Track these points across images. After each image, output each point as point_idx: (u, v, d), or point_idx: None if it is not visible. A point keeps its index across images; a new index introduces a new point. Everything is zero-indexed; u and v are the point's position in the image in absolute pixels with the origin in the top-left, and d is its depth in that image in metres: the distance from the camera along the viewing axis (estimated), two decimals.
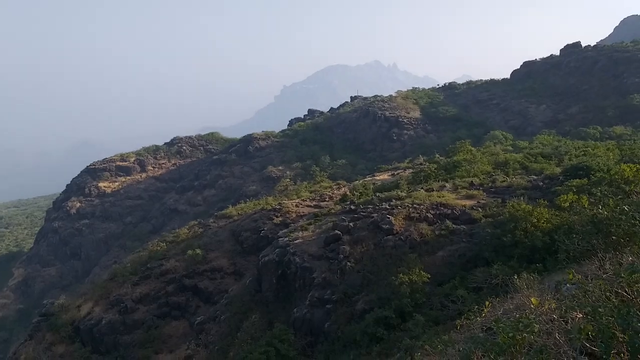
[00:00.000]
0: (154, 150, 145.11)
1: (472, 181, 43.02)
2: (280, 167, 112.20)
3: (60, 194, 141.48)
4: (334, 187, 66.87)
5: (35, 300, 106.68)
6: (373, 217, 36.14)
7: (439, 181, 46.31)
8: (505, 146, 77.95)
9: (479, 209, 34.26)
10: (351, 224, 36.33)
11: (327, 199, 56.91)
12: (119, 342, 44.21)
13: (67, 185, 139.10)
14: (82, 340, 46.04)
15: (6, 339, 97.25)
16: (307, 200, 58.20)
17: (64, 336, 46.74)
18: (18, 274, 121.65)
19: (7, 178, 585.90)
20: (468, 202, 36.36)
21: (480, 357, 7.27)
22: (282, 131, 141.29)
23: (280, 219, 51.59)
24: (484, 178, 44.26)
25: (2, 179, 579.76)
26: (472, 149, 62.52)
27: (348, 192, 54.90)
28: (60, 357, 44.97)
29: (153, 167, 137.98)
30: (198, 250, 51.02)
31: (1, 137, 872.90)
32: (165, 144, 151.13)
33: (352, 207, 41.65)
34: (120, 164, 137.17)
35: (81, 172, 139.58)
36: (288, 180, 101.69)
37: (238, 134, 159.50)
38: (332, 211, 44.19)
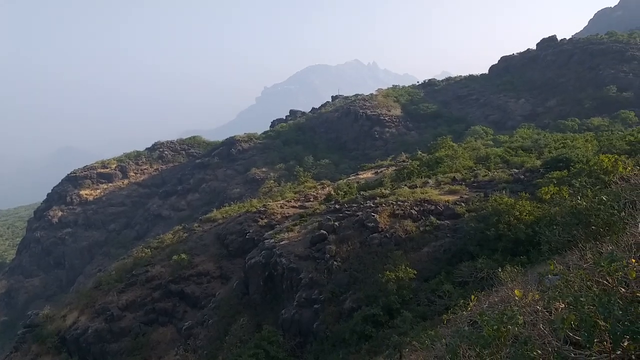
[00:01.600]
0: (136, 156, 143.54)
1: (454, 176, 43.39)
2: (263, 169, 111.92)
3: (42, 203, 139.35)
4: (318, 187, 66.85)
5: (19, 311, 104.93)
6: (358, 215, 36.27)
7: (422, 178, 46.58)
8: (486, 141, 78.82)
9: (462, 203, 34.57)
10: (336, 223, 36.40)
11: (311, 199, 56.91)
12: (106, 350, 43.73)
13: (48, 194, 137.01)
14: (68, 350, 45.45)
15: None
16: (292, 201, 58.10)
17: (50, 347, 46.09)
18: (1, 286, 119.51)
19: None
20: (451, 198, 36.68)
21: (466, 351, 7.32)
22: (265, 133, 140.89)
23: (265, 220, 51.44)
24: (466, 173, 44.66)
25: None
26: (454, 144, 63.06)
27: (332, 192, 54.94)
28: None
29: (135, 173, 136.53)
30: (183, 255, 50.65)
31: None
32: (146, 149, 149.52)
33: (337, 206, 41.76)
34: (102, 170, 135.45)
35: (62, 180, 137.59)
36: (272, 181, 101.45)
37: (220, 137, 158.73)
38: (317, 211, 44.25)
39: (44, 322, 50.07)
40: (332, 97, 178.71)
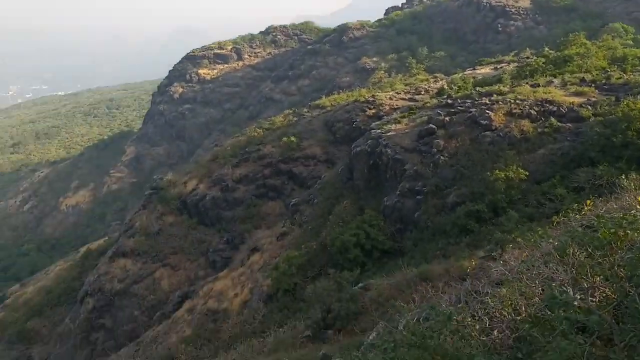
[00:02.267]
0: (250, 39, 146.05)
1: (583, 77, 39.74)
2: (374, 59, 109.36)
3: (164, 79, 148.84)
4: (431, 80, 64.82)
5: (146, 175, 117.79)
6: (471, 112, 35.00)
7: (546, 76, 43.24)
8: (625, 40, 70.03)
9: (589, 106, 31.97)
10: (447, 118, 35.51)
11: (422, 93, 55.51)
12: (221, 216, 48.48)
13: (170, 71, 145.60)
14: (189, 212, 50.96)
15: (122, 208, 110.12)
16: (402, 93, 57.07)
17: (173, 208, 51.94)
18: (130, 151, 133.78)
19: (114, 62, 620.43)
20: (577, 100, 33.99)
21: (577, 251, 7.22)
22: (378, 21, 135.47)
23: (373, 111, 51.41)
24: (597, 74, 40.60)
25: (109, 63, 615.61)
26: (587, 42, 56.98)
27: (445, 86, 53.09)
28: (170, 226, 50.43)
29: (249, 56, 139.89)
30: (293, 138, 52.75)
31: (106, 22, 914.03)
32: (260, 32, 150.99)
33: (449, 101, 40.40)
34: (218, 52, 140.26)
35: (182, 59, 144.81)
36: (382, 72, 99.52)
37: (332, 24, 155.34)
38: (427, 105, 43.18)
39: (168, 186, 55.87)
40: None
